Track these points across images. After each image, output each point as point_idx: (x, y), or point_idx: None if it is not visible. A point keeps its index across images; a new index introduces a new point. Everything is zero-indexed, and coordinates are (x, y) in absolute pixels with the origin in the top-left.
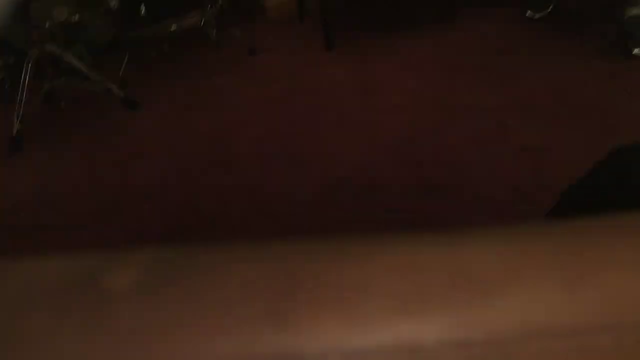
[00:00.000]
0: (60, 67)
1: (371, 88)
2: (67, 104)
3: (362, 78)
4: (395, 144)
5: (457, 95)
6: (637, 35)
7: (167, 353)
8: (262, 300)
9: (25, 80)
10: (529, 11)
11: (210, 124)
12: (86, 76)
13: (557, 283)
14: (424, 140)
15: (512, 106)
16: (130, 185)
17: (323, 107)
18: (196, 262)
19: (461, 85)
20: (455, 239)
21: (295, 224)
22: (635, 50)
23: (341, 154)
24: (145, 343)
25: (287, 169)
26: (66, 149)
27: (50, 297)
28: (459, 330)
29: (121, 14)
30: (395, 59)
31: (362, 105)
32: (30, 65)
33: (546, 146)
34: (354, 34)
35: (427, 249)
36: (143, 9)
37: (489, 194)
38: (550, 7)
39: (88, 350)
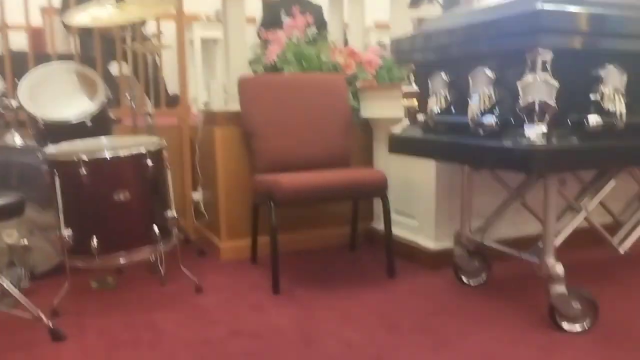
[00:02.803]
0: None
1: (313, 338)
2: None
3: (304, 326)
4: None
5: (397, 355)
6: (564, 311)
7: None
8: None
9: None
10: (463, 277)
11: None
12: (17, 302)
13: None
14: None
15: None
16: None
17: (261, 355)
18: None
19: (400, 343)
20: None
21: None
22: (565, 325)
23: None
24: None
25: None
26: None
27: None
28: None
29: (71, 242)
30: (338, 310)
31: (302, 356)
32: None
33: None
34: (301, 281)
35: None
36: (95, 241)
37: None
38: (484, 277)
39: None
